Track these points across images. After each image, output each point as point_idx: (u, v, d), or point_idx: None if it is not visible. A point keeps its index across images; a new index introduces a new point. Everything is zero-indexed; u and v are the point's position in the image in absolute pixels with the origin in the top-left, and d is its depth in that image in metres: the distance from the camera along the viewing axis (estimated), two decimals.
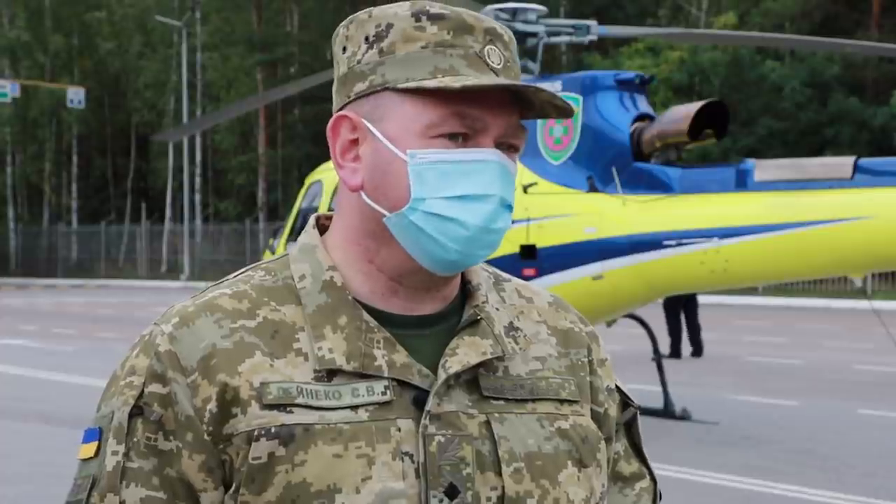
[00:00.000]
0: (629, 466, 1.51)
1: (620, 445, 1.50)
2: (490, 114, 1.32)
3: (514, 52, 1.38)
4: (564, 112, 1.35)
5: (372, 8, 1.39)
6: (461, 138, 1.32)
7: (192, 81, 42.43)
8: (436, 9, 1.34)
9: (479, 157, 1.32)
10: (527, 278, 9.63)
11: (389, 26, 1.34)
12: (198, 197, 42.69)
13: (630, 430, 1.51)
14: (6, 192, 46.93)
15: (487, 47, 1.34)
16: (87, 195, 47.83)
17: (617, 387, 1.50)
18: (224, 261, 37.88)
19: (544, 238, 9.79)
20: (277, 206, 41.01)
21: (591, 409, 1.43)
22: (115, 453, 1.31)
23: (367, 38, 1.35)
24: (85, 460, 1.34)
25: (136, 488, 1.30)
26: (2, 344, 17.60)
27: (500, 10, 10.63)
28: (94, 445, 1.34)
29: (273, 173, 42.18)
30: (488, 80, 1.31)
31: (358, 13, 1.38)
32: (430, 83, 1.30)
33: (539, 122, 9.90)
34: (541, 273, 9.78)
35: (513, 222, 9.60)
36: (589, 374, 1.45)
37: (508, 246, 9.79)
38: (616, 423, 1.48)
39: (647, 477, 1.52)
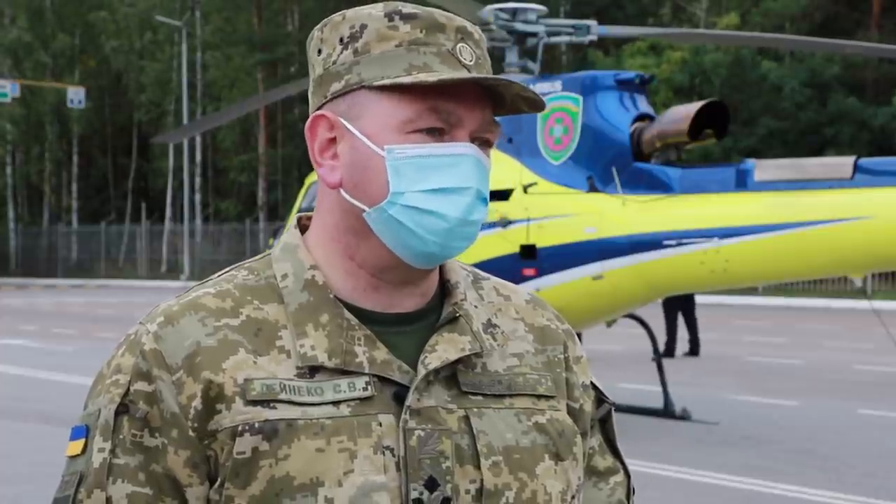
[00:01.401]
0: (604, 461, 1.53)
1: (595, 441, 1.53)
2: (464, 108, 1.35)
3: (485, 49, 1.41)
4: (535, 105, 1.38)
5: (345, 10, 1.41)
6: (437, 133, 1.34)
7: (192, 81, 42.47)
8: (408, 9, 1.38)
9: (455, 151, 1.35)
10: (527, 278, 9.64)
11: (363, 27, 1.37)
12: (198, 197, 42.71)
13: (605, 425, 1.54)
14: (6, 192, 46.88)
15: (459, 45, 1.37)
16: (87, 195, 47.83)
17: (592, 383, 1.53)
18: (224, 261, 37.75)
19: (544, 238, 9.78)
20: (277, 206, 41.05)
21: (567, 405, 1.46)
22: (101, 450, 1.33)
23: (341, 40, 1.38)
24: (72, 457, 1.37)
25: (122, 484, 1.32)
26: (2, 344, 17.61)
27: (500, 10, 10.60)
28: (81, 443, 1.36)
29: (273, 173, 42.21)
30: (462, 75, 1.33)
31: (332, 16, 1.41)
32: (406, 79, 1.33)
33: (539, 122, 9.90)
34: (541, 273, 9.77)
35: (513, 222, 9.69)
36: (565, 371, 1.48)
37: (508, 246, 9.79)
38: (591, 419, 1.51)
39: (622, 472, 1.55)
